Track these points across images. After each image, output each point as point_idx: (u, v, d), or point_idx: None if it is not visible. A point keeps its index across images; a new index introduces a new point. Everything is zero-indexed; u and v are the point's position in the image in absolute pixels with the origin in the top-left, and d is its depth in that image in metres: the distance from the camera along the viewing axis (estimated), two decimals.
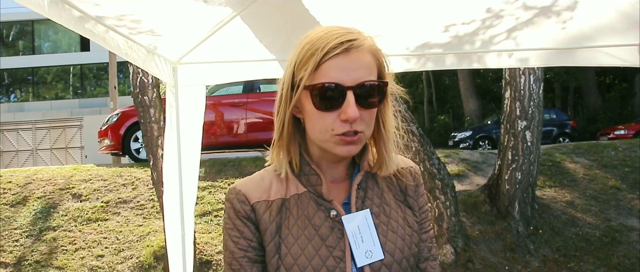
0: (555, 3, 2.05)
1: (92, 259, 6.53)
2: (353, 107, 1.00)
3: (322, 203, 1.11)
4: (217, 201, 7.71)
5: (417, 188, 1.23)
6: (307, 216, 1.10)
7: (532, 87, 7.06)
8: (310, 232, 1.08)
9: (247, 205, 1.12)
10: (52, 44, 34.23)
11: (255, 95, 9.47)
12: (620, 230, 7.28)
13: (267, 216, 1.11)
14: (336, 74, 1.01)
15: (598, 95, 24.64)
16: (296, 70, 1.06)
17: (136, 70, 6.17)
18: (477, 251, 6.57)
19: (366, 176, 1.17)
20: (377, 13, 2.05)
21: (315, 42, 1.02)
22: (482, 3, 2.16)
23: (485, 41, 2.35)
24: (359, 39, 1.03)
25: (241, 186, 1.16)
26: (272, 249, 1.09)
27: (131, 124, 9.34)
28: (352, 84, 1.01)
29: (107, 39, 1.80)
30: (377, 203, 1.15)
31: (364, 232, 1.09)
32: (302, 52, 1.04)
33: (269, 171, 1.19)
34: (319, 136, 1.07)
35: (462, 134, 17.59)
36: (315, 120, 1.06)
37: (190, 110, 2.51)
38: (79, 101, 32.68)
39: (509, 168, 7.11)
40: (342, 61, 1.01)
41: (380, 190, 1.18)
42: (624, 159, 9.54)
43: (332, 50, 1.00)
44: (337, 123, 1.03)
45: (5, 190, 8.26)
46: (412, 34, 2.35)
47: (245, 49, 2.34)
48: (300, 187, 1.13)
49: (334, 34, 1.02)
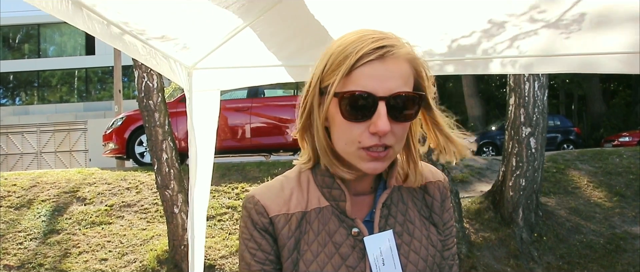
0: (562, 17, 2.06)
1: (95, 263, 6.54)
2: (384, 120, 0.92)
3: (344, 220, 1.05)
4: (221, 206, 7.72)
5: (443, 203, 1.17)
6: (328, 232, 1.04)
7: (537, 93, 7.06)
8: (331, 250, 1.03)
9: (265, 218, 1.06)
10: (57, 47, 34.42)
11: (260, 100, 9.50)
12: (624, 237, 7.26)
13: (286, 231, 1.05)
14: (369, 82, 0.93)
15: (602, 102, 24.60)
16: (325, 75, 0.98)
17: (141, 74, 6.21)
18: (481, 258, 6.56)
19: (392, 191, 1.10)
20: (385, 22, 2.07)
21: (348, 46, 0.95)
22: (484, 14, 2.17)
23: (487, 49, 2.36)
24: (397, 45, 0.95)
25: (260, 195, 1.09)
26: (289, 266, 1.04)
27: (136, 128, 9.38)
28: (385, 95, 0.93)
29: (126, 43, 1.84)
30: (400, 221, 1.09)
31: (385, 254, 1.04)
32: (333, 56, 0.97)
33: (289, 178, 1.12)
34: (345, 147, 0.99)
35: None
36: (342, 130, 0.98)
37: (204, 115, 2.54)
38: (84, 105, 32.83)
39: (513, 175, 7.10)
40: (376, 69, 0.93)
41: (405, 206, 1.12)
42: (629, 166, 9.51)
43: (366, 56, 0.92)
44: (366, 135, 0.95)
45: (10, 193, 8.29)
46: (416, 42, 2.36)
47: (259, 55, 2.36)
48: (322, 201, 1.07)
49: (369, 39, 0.94)
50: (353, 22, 2.03)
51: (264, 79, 2.61)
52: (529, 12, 2.08)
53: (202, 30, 2.08)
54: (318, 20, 2.07)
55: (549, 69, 2.48)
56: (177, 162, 6.23)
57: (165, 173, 6.17)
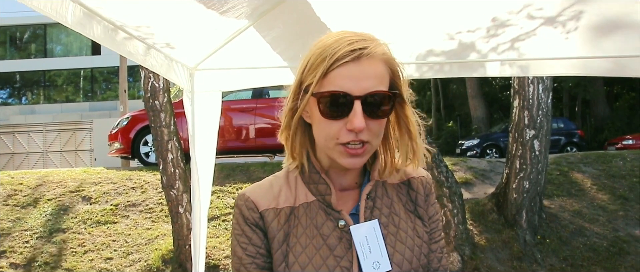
0: (561, 13, 2.08)
1: (100, 262, 6.59)
2: (359, 118, 0.97)
3: (330, 213, 1.10)
4: (226, 206, 7.76)
5: (427, 197, 1.20)
6: (316, 225, 1.09)
7: (541, 96, 7.07)
8: (318, 241, 1.07)
9: (255, 212, 1.11)
10: (63, 47, 34.57)
11: (264, 100, 9.53)
12: (627, 240, 7.26)
13: (275, 224, 1.10)
14: (345, 82, 0.97)
15: (606, 104, 24.51)
16: (305, 76, 1.04)
17: (147, 74, 6.25)
18: (484, 260, 6.57)
19: (376, 185, 1.15)
20: (388, 22, 2.10)
21: (326, 48, 0.99)
22: (487, 12, 2.19)
23: (488, 50, 2.38)
24: (371, 46, 0.99)
25: (250, 192, 1.15)
26: (279, 257, 1.08)
27: (141, 128, 9.43)
28: (361, 94, 0.98)
29: (127, 45, 1.86)
30: (386, 213, 1.13)
31: (371, 242, 1.07)
32: (312, 57, 1.02)
33: (278, 177, 1.18)
34: (325, 143, 1.04)
35: (469, 142, 17.54)
36: (321, 127, 1.03)
37: (206, 116, 2.55)
38: (89, 104, 32.95)
39: (517, 177, 7.11)
40: (351, 70, 0.97)
41: (390, 199, 1.16)
42: (632, 169, 9.50)
43: (342, 57, 0.97)
44: (343, 132, 1.00)
45: (16, 192, 8.36)
46: (417, 42, 2.38)
47: (261, 56, 2.38)
48: (310, 196, 1.12)
49: (345, 41, 0.99)
50: (356, 21, 2.05)
51: (265, 80, 2.62)
52: (524, 9, 2.10)
53: (204, 32, 2.09)
54: (324, 22, 2.09)
55: (547, 72, 2.50)
56: (183, 162, 6.28)
57: (171, 173, 6.22)
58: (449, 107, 29.65)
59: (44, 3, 1.47)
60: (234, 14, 1.89)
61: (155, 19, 1.88)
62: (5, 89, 34.28)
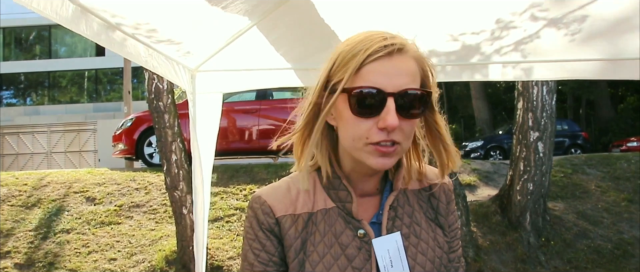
0: (565, 15, 2.07)
1: (104, 262, 6.61)
2: (393, 115, 0.92)
3: (350, 221, 1.05)
4: (229, 207, 7.77)
5: (448, 205, 1.16)
6: (335, 233, 1.04)
7: (545, 98, 7.06)
8: (337, 251, 1.03)
9: (271, 218, 1.05)
10: (68, 48, 34.66)
11: (268, 102, 9.54)
12: (632, 243, 7.23)
13: (292, 232, 1.04)
14: (378, 78, 0.93)
15: (610, 106, 24.45)
16: (333, 73, 0.99)
17: (151, 76, 6.27)
18: (488, 262, 6.56)
19: (398, 193, 1.09)
20: (391, 23, 2.09)
21: (357, 45, 0.95)
22: (491, 14, 2.18)
23: (491, 52, 2.38)
24: (404, 43, 0.97)
25: (266, 195, 1.08)
26: (296, 266, 1.03)
27: (145, 129, 9.45)
28: (394, 91, 0.93)
29: (127, 46, 1.85)
30: (407, 223, 1.08)
31: (393, 256, 1.03)
32: (342, 54, 0.97)
33: (295, 179, 1.11)
34: (352, 143, 0.98)
35: (473, 144, 17.49)
36: (350, 126, 0.97)
37: (206, 117, 2.55)
38: (94, 105, 33.02)
39: (521, 179, 7.10)
40: (384, 65, 0.94)
41: (411, 208, 1.11)
42: (637, 171, 9.47)
43: (375, 52, 0.93)
44: (374, 131, 0.94)
45: (20, 192, 8.39)
46: (420, 43, 2.37)
47: (263, 57, 2.37)
48: (329, 202, 1.07)
49: (377, 37, 0.96)
50: (360, 23, 2.05)
51: (267, 82, 2.61)
52: (530, 9, 2.09)
53: (205, 33, 2.08)
54: (327, 24, 2.09)
55: (549, 76, 2.49)
56: (186, 163, 6.29)
57: (175, 174, 6.23)
58: (452, 108, 29.60)
59: (44, 4, 1.47)
60: (234, 10, 1.88)
61: (156, 19, 1.87)
62: (10, 90, 34.41)
